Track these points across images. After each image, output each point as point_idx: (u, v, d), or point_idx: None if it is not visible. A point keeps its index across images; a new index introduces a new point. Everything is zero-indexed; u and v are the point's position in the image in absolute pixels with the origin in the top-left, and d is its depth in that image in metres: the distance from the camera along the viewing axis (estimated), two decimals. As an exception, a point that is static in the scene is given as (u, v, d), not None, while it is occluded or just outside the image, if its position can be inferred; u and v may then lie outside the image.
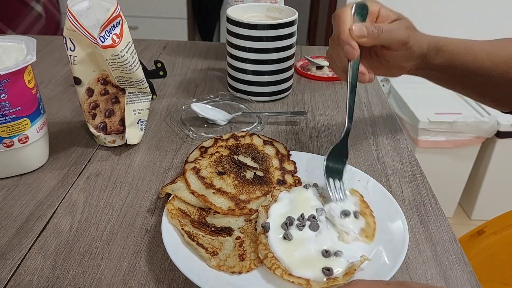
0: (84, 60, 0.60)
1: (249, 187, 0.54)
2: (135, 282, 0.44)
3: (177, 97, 0.82)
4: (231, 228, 0.49)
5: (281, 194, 0.52)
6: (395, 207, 0.51)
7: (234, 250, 0.46)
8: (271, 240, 0.46)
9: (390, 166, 0.63)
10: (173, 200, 0.51)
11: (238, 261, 0.44)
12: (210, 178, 0.54)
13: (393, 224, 0.49)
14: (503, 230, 0.86)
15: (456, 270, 0.47)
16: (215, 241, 0.47)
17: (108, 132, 0.64)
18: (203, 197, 0.51)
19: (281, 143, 0.62)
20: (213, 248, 0.46)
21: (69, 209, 0.54)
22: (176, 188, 0.52)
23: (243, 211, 0.50)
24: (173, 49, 1.04)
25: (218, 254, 0.45)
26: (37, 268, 0.46)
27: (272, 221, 0.48)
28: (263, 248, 0.45)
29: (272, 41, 0.75)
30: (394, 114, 0.78)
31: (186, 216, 0.50)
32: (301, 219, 0.48)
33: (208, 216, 0.51)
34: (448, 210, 1.82)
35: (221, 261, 0.44)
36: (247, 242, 0.47)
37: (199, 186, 0.52)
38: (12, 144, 0.56)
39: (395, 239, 0.47)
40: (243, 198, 0.52)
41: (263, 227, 0.47)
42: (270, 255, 0.44)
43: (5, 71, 0.51)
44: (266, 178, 0.56)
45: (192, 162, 0.56)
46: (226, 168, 0.56)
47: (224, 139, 0.61)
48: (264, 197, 0.53)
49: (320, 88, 0.88)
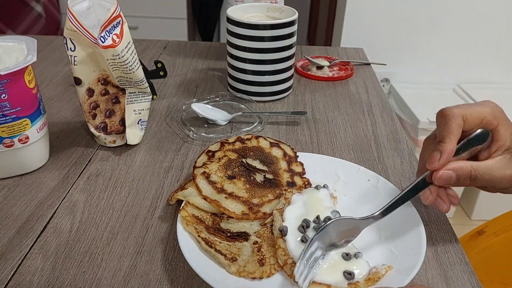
0: (84, 60, 0.60)
1: (261, 191, 0.53)
2: (135, 282, 0.44)
3: (178, 97, 0.82)
4: (247, 233, 0.49)
5: (293, 197, 0.52)
6: (409, 207, 0.50)
7: (252, 255, 0.45)
8: (290, 244, 0.45)
9: (390, 166, 0.63)
10: (186, 206, 0.50)
11: (258, 266, 0.44)
12: (221, 182, 0.53)
13: (408, 225, 0.48)
14: (503, 230, 0.86)
15: (456, 270, 0.47)
16: (232, 246, 0.46)
17: (108, 132, 0.64)
18: (216, 203, 0.50)
19: (287, 145, 0.62)
20: (231, 254, 0.45)
21: (69, 209, 0.54)
22: (188, 194, 0.51)
23: (257, 215, 0.50)
24: (173, 49, 1.04)
25: (237, 260, 0.45)
26: (38, 268, 0.46)
27: (289, 224, 0.47)
28: (282, 253, 0.45)
29: (272, 41, 0.75)
30: (394, 114, 0.78)
31: (200, 222, 0.49)
32: (317, 221, 0.48)
33: (222, 221, 0.50)
34: (448, 210, 1.82)
35: (240, 267, 0.44)
36: (265, 247, 0.46)
37: (210, 191, 0.52)
38: (12, 144, 0.56)
39: (412, 241, 0.46)
40: (256, 202, 0.51)
41: (281, 231, 0.46)
42: (290, 261, 0.44)
43: (5, 71, 0.51)
44: (276, 180, 0.55)
45: (201, 167, 0.55)
46: (235, 172, 0.55)
47: (230, 142, 0.60)
48: (276, 200, 0.52)
49: (320, 88, 0.88)
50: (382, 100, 0.83)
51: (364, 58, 1.03)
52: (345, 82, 0.90)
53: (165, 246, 0.49)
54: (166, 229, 0.51)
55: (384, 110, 0.79)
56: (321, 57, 1.00)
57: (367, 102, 0.82)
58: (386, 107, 0.81)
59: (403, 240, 0.47)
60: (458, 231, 0.55)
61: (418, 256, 0.44)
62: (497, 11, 1.69)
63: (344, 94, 0.85)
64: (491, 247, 0.86)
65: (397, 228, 0.49)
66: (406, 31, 1.73)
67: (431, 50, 1.78)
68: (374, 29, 1.72)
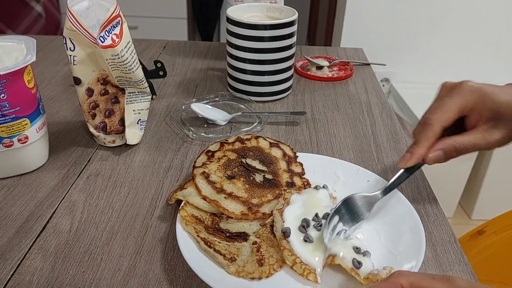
0: (84, 60, 0.60)
1: (260, 191, 0.53)
2: (134, 282, 0.44)
3: (177, 97, 0.82)
4: (246, 233, 0.49)
5: (292, 197, 0.52)
6: (409, 209, 0.51)
7: (252, 256, 0.45)
8: (294, 244, 0.45)
9: (390, 166, 0.63)
10: (185, 206, 0.50)
11: (257, 267, 0.44)
12: (220, 182, 0.53)
13: (408, 225, 0.49)
14: (503, 230, 0.86)
15: (456, 270, 0.47)
16: (232, 247, 0.46)
17: (107, 132, 0.64)
18: (216, 203, 0.50)
19: (287, 145, 0.62)
20: (231, 254, 0.45)
21: (69, 209, 0.54)
22: (187, 194, 0.51)
23: (256, 215, 0.50)
24: (173, 49, 1.04)
25: (236, 260, 0.45)
26: (37, 268, 0.46)
27: (289, 224, 0.47)
28: (289, 254, 0.45)
29: (272, 41, 0.75)
30: (394, 114, 0.78)
31: (200, 222, 0.49)
32: (316, 219, 0.48)
33: (221, 221, 0.50)
34: (448, 210, 1.82)
35: (239, 267, 0.44)
36: (264, 247, 0.47)
37: (210, 191, 0.52)
38: (11, 144, 0.56)
39: (411, 242, 0.47)
40: (255, 202, 0.51)
41: (284, 233, 0.46)
42: (298, 260, 0.44)
43: (4, 71, 0.51)
44: (276, 181, 0.55)
45: (201, 167, 0.55)
46: (235, 172, 0.55)
47: (230, 142, 0.60)
48: (275, 201, 0.52)
49: (320, 88, 0.88)
50: (382, 100, 0.83)
51: (363, 58, 1.03)
52: (344, 82, 0.90)
53: (165, 246, 0.49)
54: (166, 229, 0.51)
55: (384, 110, 0.79)
56: (321, 57, 1.00)
57: (366, 102, 0.82)
58: (386, 107, 0.81)
59: (403, 240, 0.47)
60: (458, 231, 0.55)
61: (418, 256, 0.44)
62: (497, 11, 1.69)
63: (344, 94, 0.85)
64: (491, 247, 0.86)
65: (396, 228, 0.49)
66: (406, 31, 1.73)
67: (431, 50, 1.77)
68: (374, 29, 1.72)
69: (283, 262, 0.45)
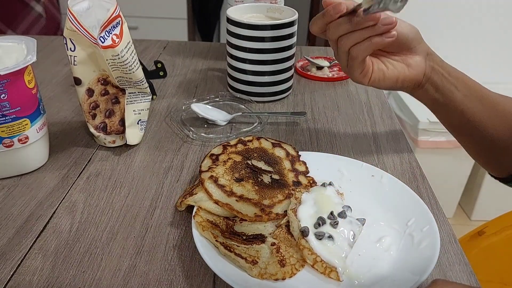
0: (84, 60, 0.60)
1: (270, 192, 0.53)
2: (135, 282, 0.44)
3: (177, 97, 0.82)
4: (263, 234, 0.49)
5: (303, 196, 0.52)
6: (417, 200, 0.52)
7: (272, 257, 0.45)
8: (313, 243, 0.46)
9: (390, 166, 0.63)
10: (198, 211, 0.50)
11: (279, 268, 0.44)
12: (229, 186, 0.53)
13: (417, 217, 0.50)
14: (503, 230, 0.86)
15: (456, 270, 0.47)
16: (251, 249, 0.46)
17: (108, 132, 0.64)
18: (229, 206, 0.50)
19: (289, 144, 0.62)
20: (251, 257, 0.45)
21: (69, 209, 0.54)
22: (198, 199, 0.51)
23: (269, 216, 0.50)
24: (173, 49, 1.04)
25: (257, 263, 0.44)
26: (37, 268, 0.46)
27: (306, 224, 0.48)
28: (309, 253, 0.45)
29: (272, 42, 0.75)
30: (394, 115, 0.78)
31: (215, 227, 0.49)
32: (332, 217, 0.48)
33: (235, 225, 0.50)
34: (448, 210, 1.82)
35: (262, 270, 0.44)
36: (283, 247, 0.47)
37: (220, 195, 0.51)
38: (12, 144, 0.56)
39: (423, 235, 0.48)
40: (267, 203, 0.51)
41: (302, 232, 0.47)
42: (319, 259, 0.44)
43: (5, 71, 0.51)
44: (283, 180, 0.55)
45: (208, 171, 0.54)
46: (242, 174, 0.55)
47: (232, 145, 0.60)
48: (287, 200, 0.52)
49: (320, 88, 0.88)
50: (382, 101, 0.83)
51: (364, 59, 1.03)
52: (344, 83, 0.90)
53: (165, 246, 0.49)
54: (166, 229, 0.51)
55: (384, 111, 0.79)
56: (321, 57, 1.00)
57: (366, 103, 0.82)
58: (386, 107, 0.81)
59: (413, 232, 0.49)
60: (458, 231, 0.55)
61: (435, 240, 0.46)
62: (497, 11, 1.69)
63: (344, 95, 0.85)
64: (491, 247, 0.86)
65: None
66: (406, 32, 1.73)
67: (431, 50, 1.77)
68: (374, 30, 1.72)
69: (304, 261, 0.45)
